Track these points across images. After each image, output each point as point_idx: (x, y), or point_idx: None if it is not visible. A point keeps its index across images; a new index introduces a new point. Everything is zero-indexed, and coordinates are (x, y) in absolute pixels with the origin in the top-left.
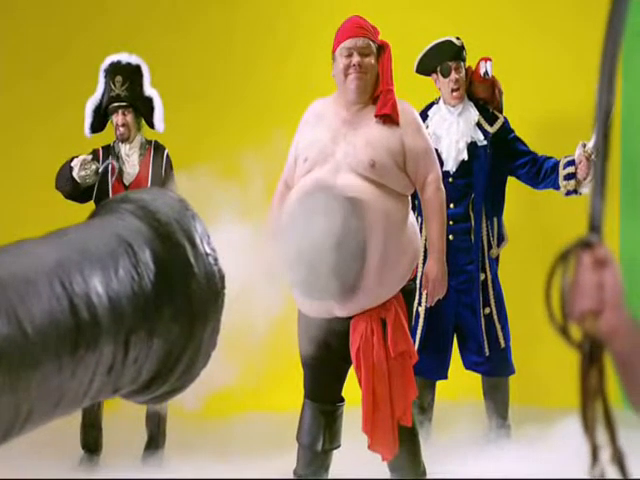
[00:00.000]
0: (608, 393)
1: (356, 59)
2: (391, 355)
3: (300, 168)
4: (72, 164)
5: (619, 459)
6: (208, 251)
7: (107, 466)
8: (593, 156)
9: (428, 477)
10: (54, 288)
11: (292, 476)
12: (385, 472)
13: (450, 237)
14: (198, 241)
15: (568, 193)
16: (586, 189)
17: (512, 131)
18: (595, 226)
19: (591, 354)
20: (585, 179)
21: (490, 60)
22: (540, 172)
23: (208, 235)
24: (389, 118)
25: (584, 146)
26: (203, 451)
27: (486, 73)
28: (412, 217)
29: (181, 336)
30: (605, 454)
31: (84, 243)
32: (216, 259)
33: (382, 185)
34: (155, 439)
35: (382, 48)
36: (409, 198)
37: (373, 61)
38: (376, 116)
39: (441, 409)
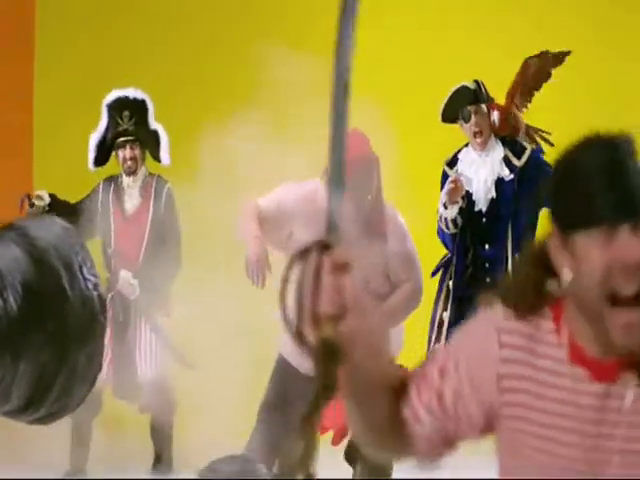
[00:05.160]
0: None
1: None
2: None
3: (282, 241)
4: None
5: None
6: (87, 277)
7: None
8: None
9: (428, 477)
10: None
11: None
12: None
13: (487, 280)
14: (76, 267)
15: None
16: None
17: (542, 160)
18: (332, 226)
19: (324, 359)
20: None
21: (496, 109)
22: None
23: (91, 261)
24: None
25: None
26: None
27: (494, 122)
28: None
29: (53, 360)
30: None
31: None
32: (96, 285)
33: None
34: (160, 455)
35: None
36: None
37: None
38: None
39: None
